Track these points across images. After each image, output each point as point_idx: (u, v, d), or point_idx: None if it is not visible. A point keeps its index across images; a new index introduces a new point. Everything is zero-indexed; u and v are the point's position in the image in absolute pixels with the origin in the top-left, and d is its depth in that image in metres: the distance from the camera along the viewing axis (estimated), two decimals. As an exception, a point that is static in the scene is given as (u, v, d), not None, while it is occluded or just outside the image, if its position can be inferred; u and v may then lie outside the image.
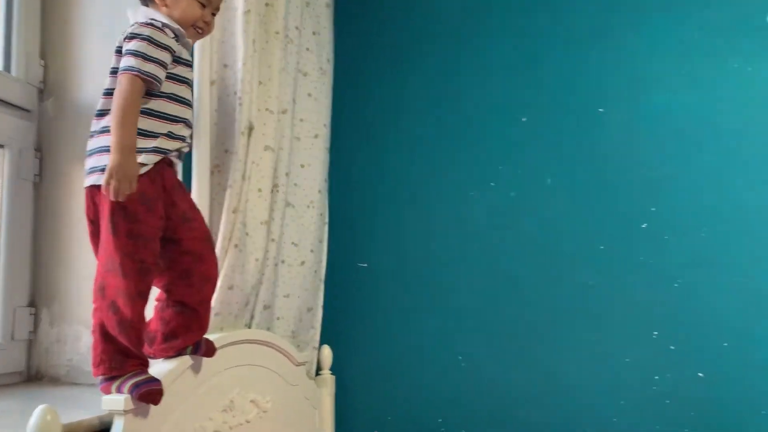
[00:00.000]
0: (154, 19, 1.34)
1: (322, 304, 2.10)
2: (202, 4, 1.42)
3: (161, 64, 1.31)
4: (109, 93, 1.31)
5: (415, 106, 2.27)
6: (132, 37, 1.30)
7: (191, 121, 1.41)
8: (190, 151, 1.48)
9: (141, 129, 1.28)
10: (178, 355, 1.40)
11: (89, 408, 1.33)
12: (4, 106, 1.71)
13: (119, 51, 1.32)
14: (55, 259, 1.75)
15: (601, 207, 2.05)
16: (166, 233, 1.34)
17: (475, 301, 2.15)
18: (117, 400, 1.23)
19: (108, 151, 1.26)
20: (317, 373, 2.09)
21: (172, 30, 1.35)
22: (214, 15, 1.47)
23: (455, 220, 2.19)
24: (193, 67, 1.43)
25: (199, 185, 1.68)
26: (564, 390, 2.04)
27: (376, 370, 2.23)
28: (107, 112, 1.31)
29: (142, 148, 1.28)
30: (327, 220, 2.15)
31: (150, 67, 1.28)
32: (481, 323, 2.14)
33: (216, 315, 1.64)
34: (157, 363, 1.38)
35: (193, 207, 1.44)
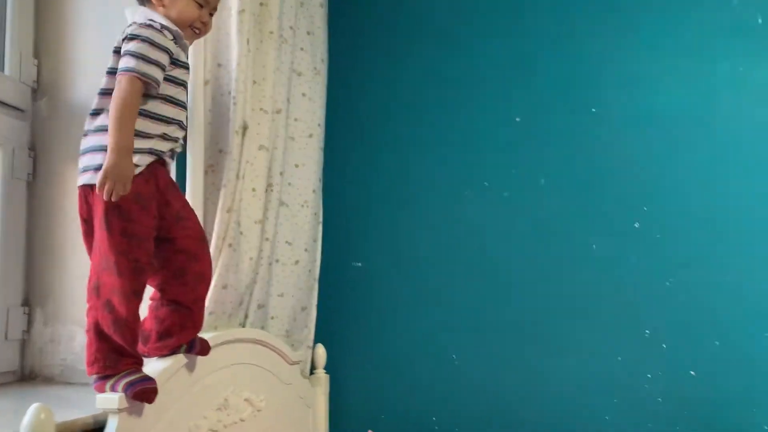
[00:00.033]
0: (153, 20, 1.34)
1: (316, 303, 2.11)
2: (200, 4, 1.41)
3: (160, 66, 1.31)
4: (105, 92, 1.32)
5: (409, 106, 2.28)
6: (131, 38, 1.30)
7: (185, 123, 1.41)
8: (183, 150, 1.48)
9: (136, 130, 1.28)
10: (173, 353, 1.40)
11: (83, 407, 1.33)
12: (-3, 105, 1.71)
13: (117, 51, 1.32)
14: (48, 259, 1.75)
15: (594, 207, 2.07)
16: (160, 232, 1.35)
17: (468, 300, 2.16)
18: (111, 399, 1.23)
19: (102, 151, 1.26)
20: (311, 372, 2.10)
21: (171, 32, 1.35)
22: (211, 15, 1.46)
23: (449, 219, 2.20)
24: (189, 69, 1.43)
25: (194, 185, 1.68)
26: (557, 388, 2.05)
27: (371, 369, 2.23)
28: (102, 112, 1.31)
29: (137, 148, 1.28)
30: (321, 219, 2.15)
31: (149, 69, 1.28)
32: (474, 322, 2.15)
33: (210, 314, 1.64)
34: (152, 362, 1.38)
35: (187, 206, 1.45)
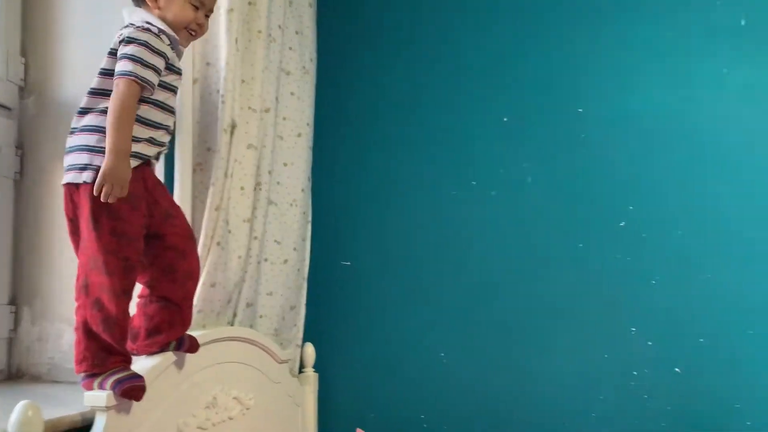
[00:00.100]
0: (151, 24, 1.33)
1: (305, 302, 2.11)
2: (195, 6, 1.40)
3: (156, 71, 1.31)
4: (96, 92, 1.31)
5: (397, 105, 2.29)
6: (129, 41, 1.29)
7: (172, 128, 1.41)
8: (172, 148, 1.48)
9: None
10: (162, 351, 1.41)
11: (71, 405, 1.33)
12: (-16, 103, 1.70)
13: (113, 53, 1.31)
14: (36, 257, 1.74)
15: (580, 205, 2.09)
16: (150, 230, 1.35)
17: (456, 298, 2.17)
18: (99, 396, 1.23)
19: (87, 150, 1.27)
20: (300, 371, 2.10)
21: (168, 37, 1.35)
22: (207, 17, 1.45)
23: (437, 218, 2.21)
24: (182, 75, 1.43)
25: (182, 183, 1.68)
26: (544, 385, 2.07)
27: (359, 368, 2.24)
28: (90, 111, 1.31)
29: None
30: (310, 218, 2.16)
31: (147, 73, 1.28)
32: (462, 320, 2.16)
33: (198, 312, 1.64)
34: (140, 359, 1.38)
35: (174, 204, 1.46)
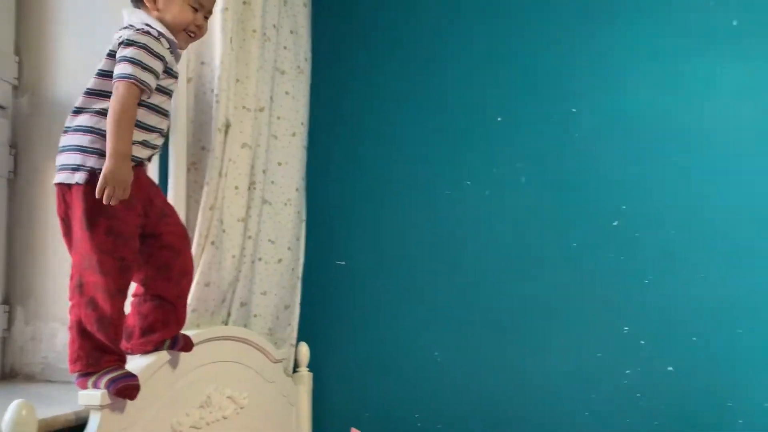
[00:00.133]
0: (151, 26, 1.33)
1: (299, 301, 2.12)
2: (194, 8, 1.39)
3: (154, 74, 1.30)
4: (92, 93, 1.31)
5: (391, 105, 2.30)
6: (129, 43, 1.28)
7: (166, 131, 1.41)
8: (166, 147, 1.49)
9: None
10: (156, 350, 1.40)
11: (65, 405, 1.33)
12: (-23, 102, 1.70)
13: (112, 54, 1.30)
14: (29, 256, 1.74)
15: (574, 205, 2.09)
16: (145, 229, 1.35)
17: (450, 297, 2.18)
18: (93, 395, 1.23)
19: (80, 151, 1.27)
20: (294, 370, 2.10)
21: (167, 40, 1.35)
22: (206, 18, 1.44)
23: (431, 218, 2.22)
24: (178, 78, 1.43)
25: (176, 182, 1.69)
26: (537, 384, 2.07)
27: (354, 367, 2.25)
28: (84, 111, 1.30)
29: None
30: (304, 217, 2.16)
31: (146, 76, 1.28)
32: (456, 320, 2.16)
33: (192, 311, 1.64)
34: (135, 358, 1.38)
35: (167, 203, 1.46)
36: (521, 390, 2.09)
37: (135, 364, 1.35)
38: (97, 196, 1.22)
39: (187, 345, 1.46)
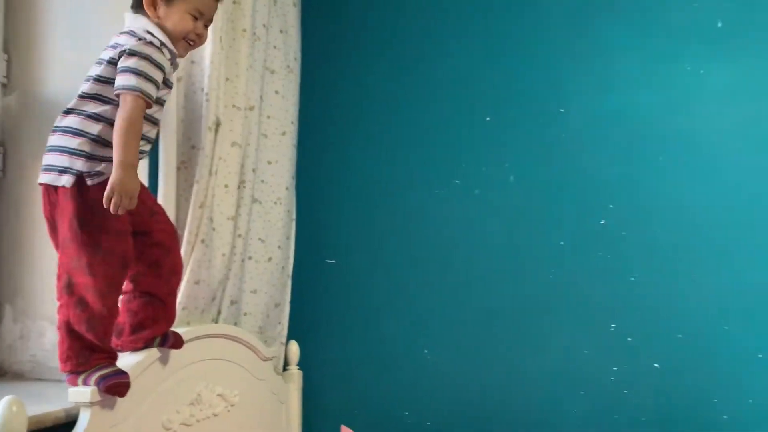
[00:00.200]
0: (153, 35, 1.32)
1: (289, 299, 2.12)
2: (195, 17, 1.39)
3: (156, 85, 1.30)
4: (86, 96, 1.30)
5: (381, 104, 2.30)
6: (132, 54, 1.27)
7: (153, 137, 1.41)
8: (156, 146, 1.49)
9: (105, 139, 1.28)
10: (146, 347, 1.41)
11: (55, 402, 1.33)
12: (-34, 100, 1.69)
13: (113, 62, 1.29)
14: (18, 255, 1.74)
15: (562, 204, 2.11)
16: (136, 227, 1.36)
17: (439, 296, 2.19)
18: (83, 393, 1.24)
19: (67, 153, 1.27)
20: (285, 369, 2.11)
21: (169, 51, 1.35)
22: (206, 27, 1.43)
23: (421, 217, 2.23)
24: (173, 88, 1.43)
25: (166, 180, 1.69)
26: (526, 382, 2.09)
27: (344, 366, 2.25)
28: (74, 112, 1.30)
29: (105, 157, 1.28)
30: (294, 216, 2.17)
31: (150, 88, 1.28)
32: (446, 318, 2.18)
33: (183, 309, 1.64)
34: (125, 355, 1.38)
35: (156, 202, 1.48)
36: (510, 387, 2.10)
37: (125, 361, 1.35)
38: (104, 206, 1.22)
39: (177, 342, 1.46)
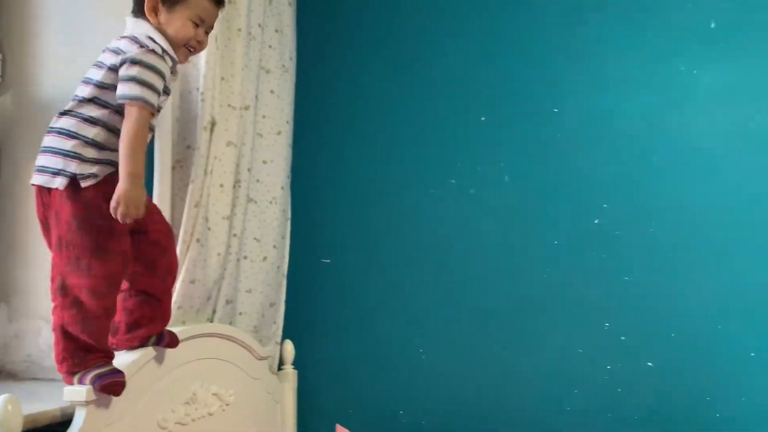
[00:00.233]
0: (156, 42, 1.32)
1: (284, 299, 2.12)
2: (196, 24, 1.38)
3: (158, 93, 1.30)
4: (83, 100, 1.30)
5: (377, 103, 2.31)
6: (135, 62, 1.26)
7: (148, 141, 1.41)
8: (151, 146, 1.49)
9: (99, 142, 1.28)
10: (142, 345, 1.41)
11: (50, 402, 1.33)
12: (-40, 99, 1.69)
13: (114, 69, 1.28)
14: (13, 255, 1.74)
15: (556, 203, 2.12)
16: (133, 226, 1.35)
17: (435, 295, 2.19)
18: (78, 391, 1.24)
19: (61, 155, 1.27)
20: (280, 368, 2.11)
21: (170, 58, 1.34)
22: (207, 33, 1.43)
23: (416, 216, 2.24)
24: (170, 95, 1.43)
25: (161, 180, 1.69)
26: (520, 380, 2.10)
27: (339, 365, 2.26)
28: (71, 114, 1.30)
29: (98, 159, 1.28)
30: (289, 216, 2.17)
31: (154, 98, 1.28)
32: (441, 317, 2.18)
33: (178, 308, 1.65)
34: (120, 354, 1.38)
35: (151, 201, 1.47)
36: (504, 386, 2.11)
37: (121, 360, 1.35)
38: (112, 215, 1.23)
39: (172, 341, 1.47)
